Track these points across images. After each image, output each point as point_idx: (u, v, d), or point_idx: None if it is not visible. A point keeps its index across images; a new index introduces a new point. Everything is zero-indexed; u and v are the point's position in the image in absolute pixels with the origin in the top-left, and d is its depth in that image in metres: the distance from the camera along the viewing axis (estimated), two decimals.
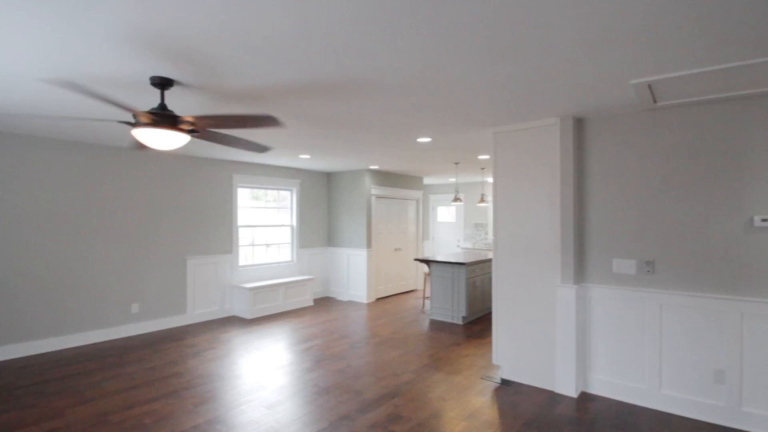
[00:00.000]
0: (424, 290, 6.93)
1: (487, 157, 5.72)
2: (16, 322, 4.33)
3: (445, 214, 10.26)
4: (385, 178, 7.67)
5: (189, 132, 2.64)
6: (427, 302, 7.18)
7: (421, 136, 4.38)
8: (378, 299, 7.50)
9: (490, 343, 4.90)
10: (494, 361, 3.93)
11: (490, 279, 6.37)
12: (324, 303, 7.19)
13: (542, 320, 3.63)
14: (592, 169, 3.54)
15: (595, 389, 3.49)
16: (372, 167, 7.02)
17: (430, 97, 2.96)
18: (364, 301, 7.20)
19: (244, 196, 6.59)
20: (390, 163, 6.44)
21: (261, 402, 3.32)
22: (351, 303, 7.17)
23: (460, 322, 5.77)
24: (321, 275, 7.71)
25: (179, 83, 2.68)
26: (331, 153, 5.49)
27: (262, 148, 3.20)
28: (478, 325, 5.74)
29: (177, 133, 2.58)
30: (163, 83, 2.57)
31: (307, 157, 5.81)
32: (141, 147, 3.18)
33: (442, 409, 3.20)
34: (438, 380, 3.78)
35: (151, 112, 2.53)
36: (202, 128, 2.65)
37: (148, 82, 2.63)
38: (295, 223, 7.28)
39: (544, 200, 3.63)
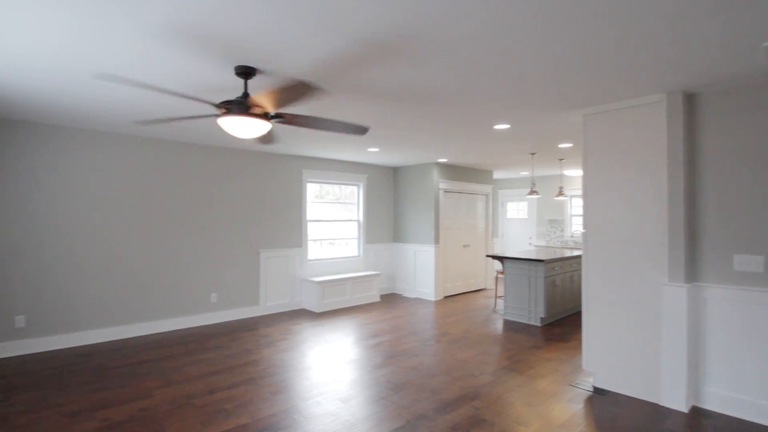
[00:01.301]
0: (495, 289, 6.58)
1: (568, 145, 5.28)
2: (111, 308, 4.67)
3: (516, 209, 9.75)
4: (454, 171, 7.41)
5: (271, 118, 2.61)
6: (500, 301, 6.82)
7: (499, 123, 4.10)
8: (446, 297, 7.26)
9: (575, 347, 4.49)
10: (585, 366, 3.56)
11: (571, 278, 5.89)
12: (390, 299, 7.09)
13: (643, 323, 3.22)
14: (706, 152, 3.07)
15: (710, 404, 3.02)
16: (441, 160, 6.80)
17: (511, 68, 2.70)
18: (432, 298, 7.00)
19: (310, 193, 6.66)
20: (460, 155, 6.18)
21: (335, 395, 3.25)
22: (418, 300, 7.00)
23: (537, 323, 5.37)
24: (387, 271, 7.63)
25: (261, 72, 2.66)
26: (402, 145, 5.35)
27: (360, 129, 2.95)
28: (559, 327, 5.31)
29: (254, 119, 2.56)
30: (246, 72, 2.57)
31: (376, 150, 5.73)
32: (263, 141, 3.26)
33: (529, 416, 2.93)
34: (520, 384, 3.49)
35: (226, 101, 2.55)
36: (282, 113, 2.61)
37: (233, 73, 2.64)
38: (361, 218, 7.26)
39: (646, 188, 3.21)
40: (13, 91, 3.16)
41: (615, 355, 3.37)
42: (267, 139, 3.30)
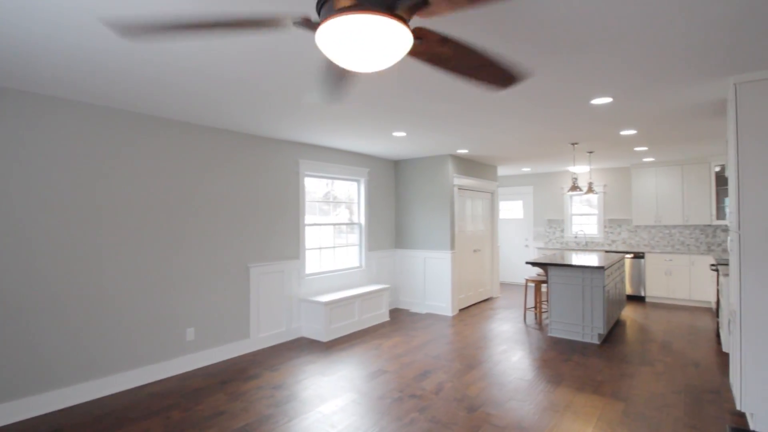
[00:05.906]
0: (525, 299, 5.74)
1: (631, 132, 4.53)
2: (38, 367, 3.03)
3: (510, 209, 9.06)
4: (466, 166, 6.47)
5: (415, 10, 1.40)
6: (529, 314, 5.99)
7: (599, 95, 3.19)
8: (460, 310, 6.29)
9: (668, 373, 3.73)
10: (740, 406, 2.75)
11: (615, 286, 5.21)
12: (399, 317, 5.95)
13: None
14: None
15: None
16: (459, 152, 5.80)
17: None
18: (449, 313, 5.98)
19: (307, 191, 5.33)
20: (491, 143, 5.25)
21: None
22: (432, 316, 5.95)
23: (596, 340, 4.59)
24: (389, 283, 6.47)
25: None
26: (438, 127, 4.28)
27: None
28: (620, 345, 4.55)
29: (383, 18, 1.33)
30: None
31: (402, 134, 4.59)
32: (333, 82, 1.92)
33: None
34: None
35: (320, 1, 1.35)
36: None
37: None
38: (363, 221, 6.04)
39: None
40: None
41: None
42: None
